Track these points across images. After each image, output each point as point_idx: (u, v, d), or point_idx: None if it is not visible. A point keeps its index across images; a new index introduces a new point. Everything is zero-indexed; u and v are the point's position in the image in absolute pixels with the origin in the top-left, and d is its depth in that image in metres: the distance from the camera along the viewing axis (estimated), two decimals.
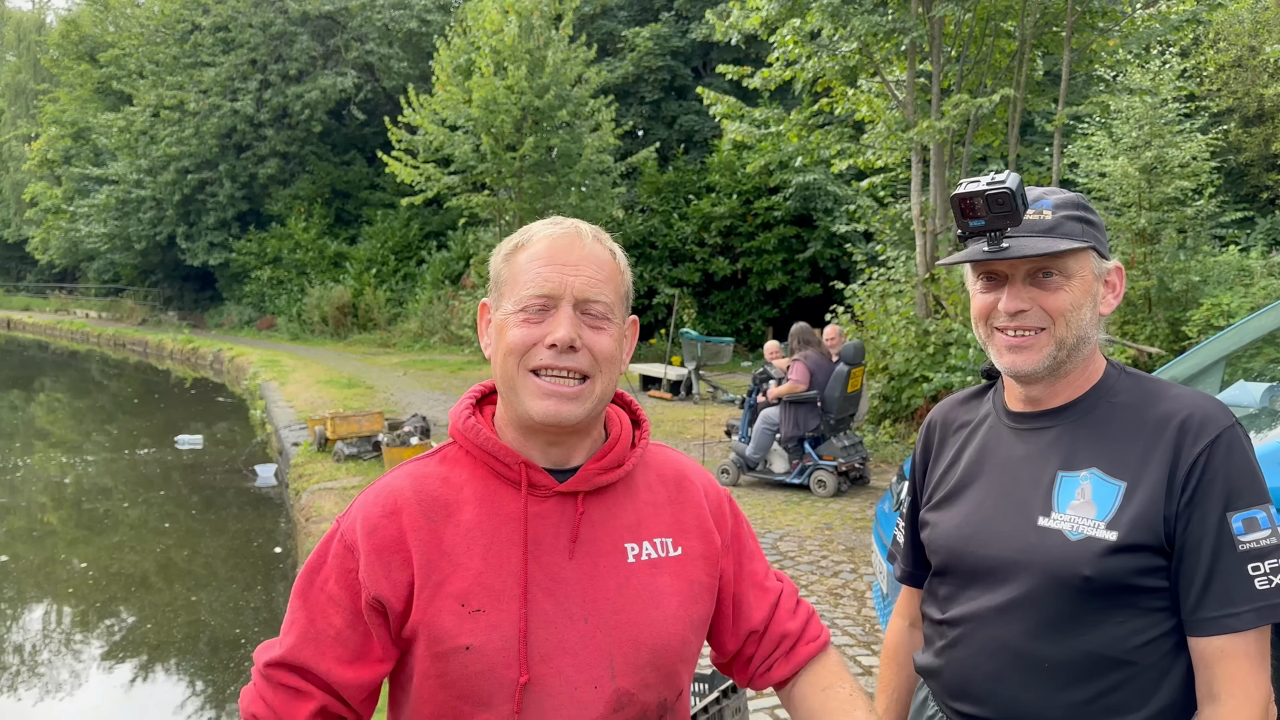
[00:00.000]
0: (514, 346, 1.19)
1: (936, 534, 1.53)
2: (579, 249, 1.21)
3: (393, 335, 25.20)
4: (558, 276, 1.19)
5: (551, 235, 1.22)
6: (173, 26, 29.75)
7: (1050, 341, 1.39)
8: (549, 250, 1.21)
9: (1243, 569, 1.30)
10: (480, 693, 1.15)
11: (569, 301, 1.19)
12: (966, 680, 1.45)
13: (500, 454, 1.22)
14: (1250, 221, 17.87)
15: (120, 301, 37.51)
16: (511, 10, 18.82)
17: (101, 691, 5.58)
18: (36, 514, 9.55)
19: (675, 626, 1.25)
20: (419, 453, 6.17)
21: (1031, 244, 1.37)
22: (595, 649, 1.19)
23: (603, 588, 1.22)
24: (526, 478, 1.22)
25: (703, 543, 1.32)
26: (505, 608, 1.17)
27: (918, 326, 10.12)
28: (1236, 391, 3.89)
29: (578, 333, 1.18)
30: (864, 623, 5.11)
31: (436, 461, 1.27)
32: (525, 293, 1.20)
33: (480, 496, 1.22)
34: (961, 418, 1.60)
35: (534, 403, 1.19)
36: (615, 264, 1.25)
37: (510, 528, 1.20)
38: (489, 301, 1.27)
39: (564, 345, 1.17)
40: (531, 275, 1.20)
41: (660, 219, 22.07)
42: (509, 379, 1.21)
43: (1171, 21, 10.09)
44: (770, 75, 10.81)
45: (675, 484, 1.34)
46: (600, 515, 1.25)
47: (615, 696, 1.19)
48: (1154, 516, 1.32)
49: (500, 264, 1.25)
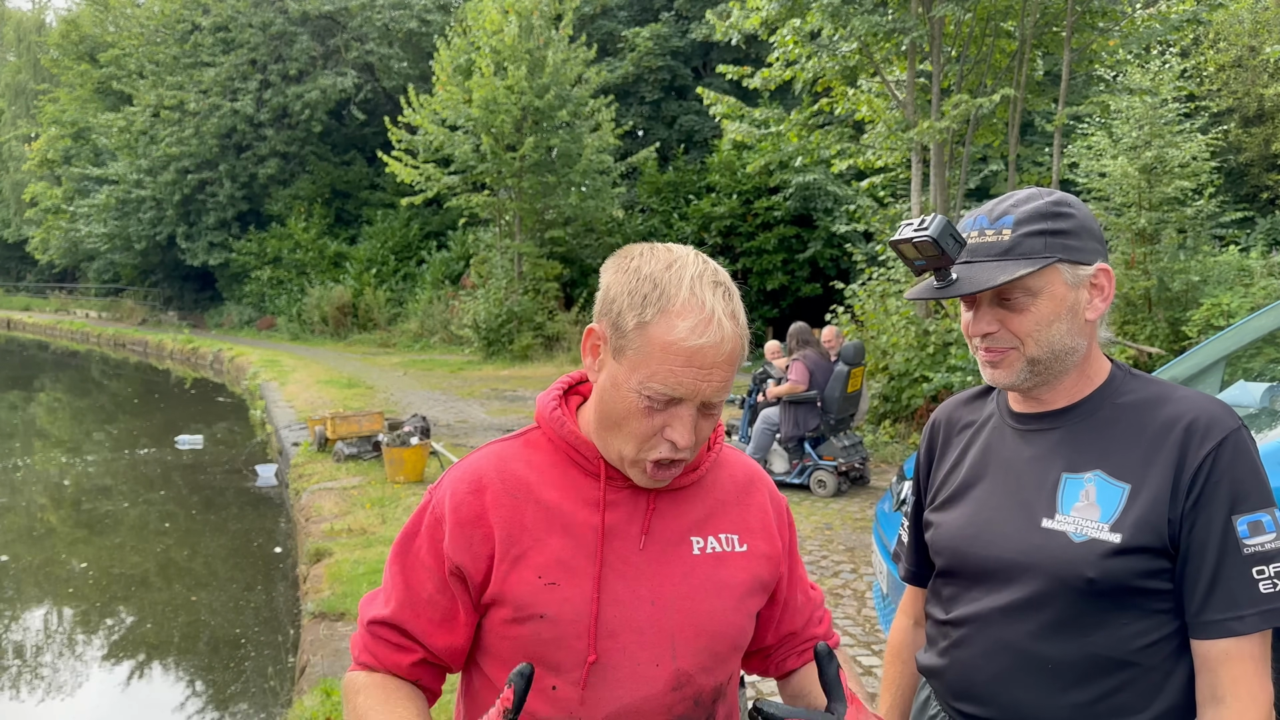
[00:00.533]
0: (636, 435, 1.23)
1: (940, 534, 1.53)
2: (719, 352, 1.19)
3: (393, 335, 25.21)
4: (691, 383, 1.18)
5: (696, 331, 1.17)
6: (173, 26, 29.75)
7: (1020, 359, 1.40)
8: (690, 350, 1.17)
9: (1247, 572, 1.30)
10: (552, 658, 1.24)
11: (694, 404, 1.21)
12: (970, 681, 1.45)
13: (580, 447, 1.30)
14: (1250, 221, 17.87)
15: (120, 301, 37.52)
16: (511, 10, 18.82)
17: (102, 691, 5.58)
18: (36, 514, 9.54)
19: (734, 617, 1.32)
20: (419, 453, 6.18)
21: (981, 274, 1.37)
22: (659, 630, 1.27)
23: (669, 575, 1.29)
24: (604, 470, 1.30)
25: (767, 544, 1.39)
26: (579, 584, 1.25)
27: (918, 326, 10.12)
28: (1236, 391, 3.89)
29: (696, 433, 1.23)
30: (864, 623, 5.11)
31: (521, 444, 1.35)
32: (655, 386, 1.19)
33: (561, 480, 1.30)
34: (965, 418, 1.60)
35: (641, 477, 1.27)
36: (741, 346, 1.23)
37: (587, 512, 1.28)
38: (602, 334, 1.25)
39: (683, 448, 1.22)
40: (665, 371, 1.18)
41: (660, 219, 22.08)
42: (623, 456, 1.25)
43: (1171, 21, 10.09)
44: (770, 75, 10.82)
45: (745, 486, 1.41)
46: (670, 509, 1.32)
47: (675, 675, 1.27)
48: (1158, 519, 1.32)
49: (632, 320, 1.20)
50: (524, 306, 19.91)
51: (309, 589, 6.03)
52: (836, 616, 5.21)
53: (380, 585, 1.35)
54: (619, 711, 1.24)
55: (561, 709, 1.24)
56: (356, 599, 5.49)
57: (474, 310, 20.48)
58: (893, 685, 1.72)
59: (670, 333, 1.17)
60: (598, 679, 1.24)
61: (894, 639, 1.74)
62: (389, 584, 1.33)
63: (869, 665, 4.53)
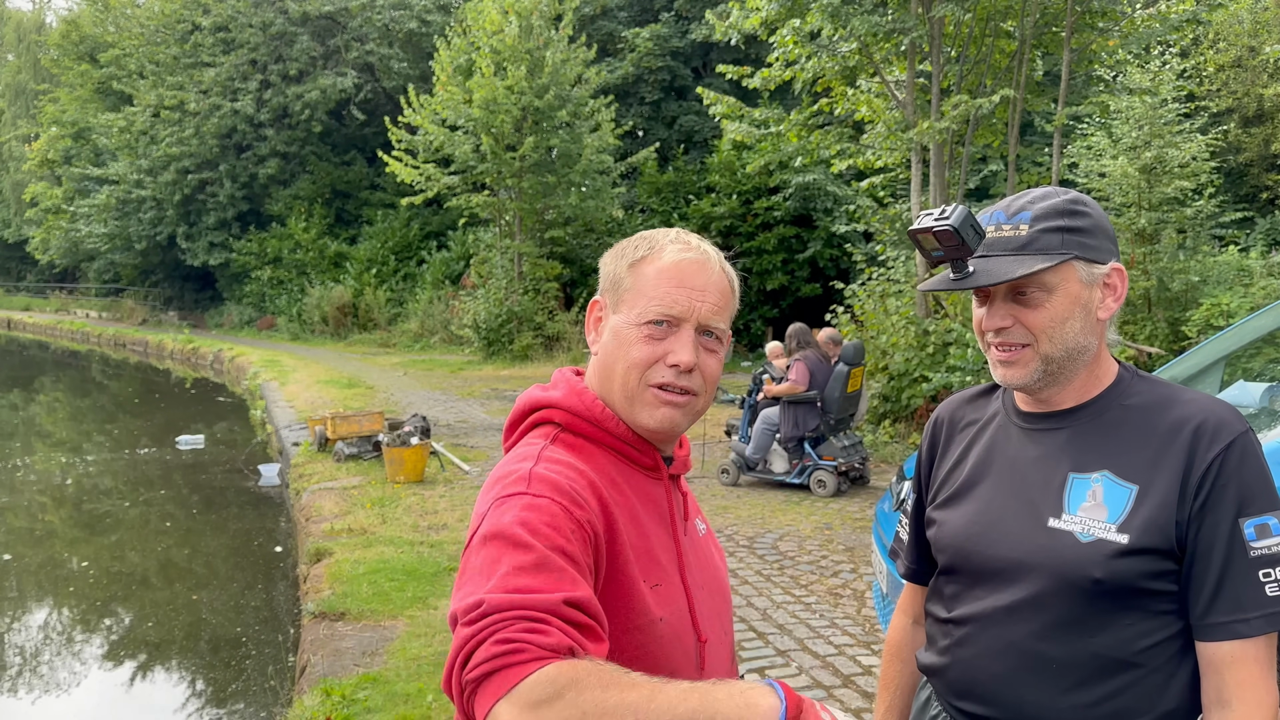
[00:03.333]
0: (638, 362, 1.25)
1: (944, 532, 1.53)
2: (707, 273, 1.27)
3: (393, 335, 25.20)
4: (686, 300, 1.24)
5: (682, 256, 1.27)
6: (173, 27, 29.75)
7: (1035, 357, 1.39)
8: (679, 270, 1.26)
9: (1254, 575, 1.30)
10: (669, 662, 1.21)
11: (692, 325, 1.25)
12: (972, 680, 1.45)
13: (635, 442, 1.30)
14: (1250, 221, 17.86)
15: (120, 301, 37.51)
16: (511, 10, 18.83)
17: (102, 690, 5.58)
18: (37, 514, 9.55)
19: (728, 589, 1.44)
20: (419, 453, 6.11)
21: (998, 267, 1.37)
22: (713, 611, 1.34)
23: (701, 559, 1.37)
24: (659, 463, 1.32)
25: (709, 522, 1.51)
26: (672, 580, 1.27)
27: (917, 326, 10.12)
28: (1236, 391, 3.90)
29: (697, 356, 1.25)
30: (864, 623, 5.12)
31: (564, 450, 1.25)
32: (652, 309, 1.25)
33: (623, 479, 1.28)
34: (969, 416, 1.60)
35: (651, 411, 1.26)
36: (733, 291, 1.31)
37: (653, 509, 1.30)
38: (604, 300, 1.32)
39: (686, 367, 1.24)
40: (660, 294, 1.25)
41: (660, 219, 22.07)
42: (629, 389, 1.26)
43: (1171, 21, 10.09)
44: (770, 75, 10.82)
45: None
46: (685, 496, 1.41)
47: (730, 649, 1.38)
48: (1166, 521, 1.32)
49: (623, 270, 1.29)
50: (524, 306, 19.91)
51: (309, 589, 6.03)
52: (836, 616, 5.22)
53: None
54: None
55: None
56: (357, 599, 5.50)
57: (474, 310, 20.48)
58: (891, 684, 1.71)
59: (659, 259, 1.27)
60: (707, 664, 1.28)
61: (893, 637, 1.74)
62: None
63: (868, 665, 4.53)
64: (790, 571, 6.04)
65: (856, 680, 4.37)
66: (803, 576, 5.94)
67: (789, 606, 5.37)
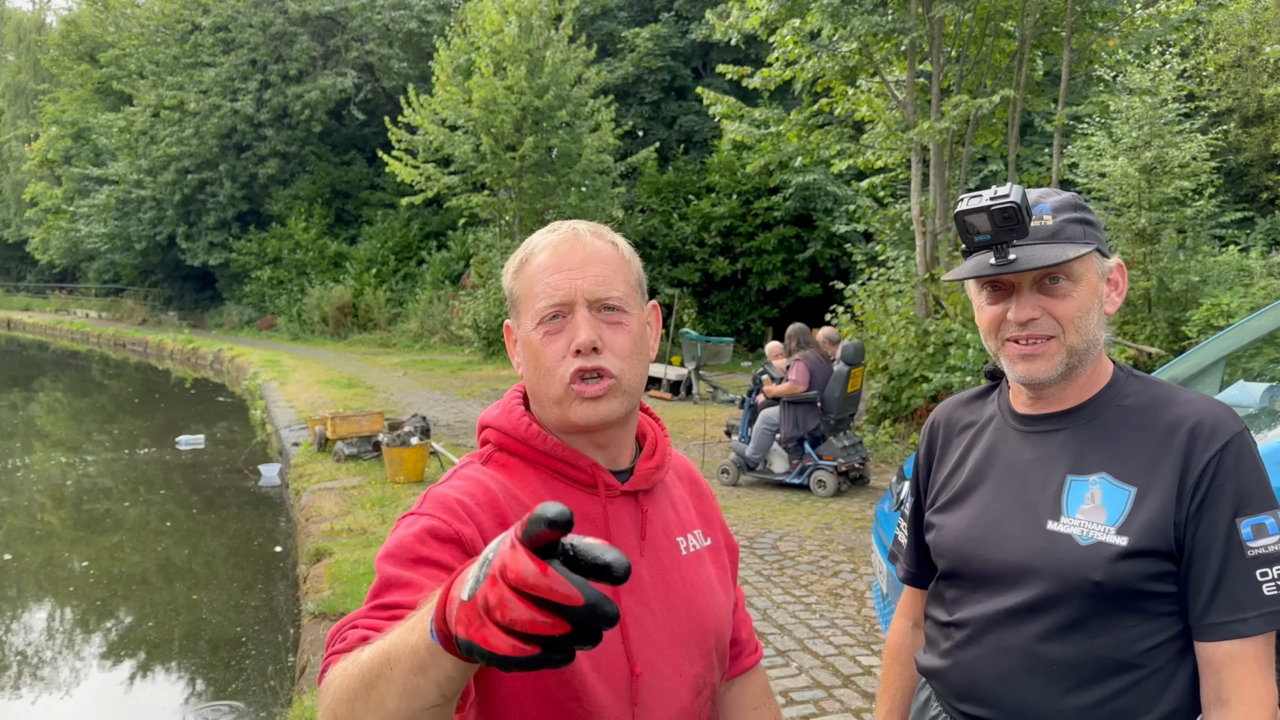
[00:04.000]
0: (548, 364, 1.20)
1: (943, 537, 1.52)
2: (580, 250, 1.22)
3: (393, 335, 25.21)
4: (566, 283, 1.20)
5: (551, 243, 1.23)
6: (173, 27, 29.74)
7: (1061, 349, 1.38)
8: (552, 258, 1.22)
9: (1251, 575, 1.30)
10: (592, 696, 1.14)
11: (582, 305, 1.20)
12: (974, 682, 1.45)
13: (570, 458, 1.23)
14: (1250, 221, 17.87)
15: (120, 301, 37.51)
16: (511, 10, 18.83)
17: (102, 690, 5.58)
18: (37, 514, 9.55)
19: (723, 611, 1.33)
20: (419, 453, 6.15)
21: (1039, 253, 1.35)
22: (673, 639, 1.24)
23: (668, 581, 1.27)
24: (601, 480, 1.23)
25: (723, 535, 1.41)
26: None
27: (917, 326, 10.12)
28: (1236, 391, 3.89)
29: (598, 334, 1.20)
30: (864, 623, 5.12)
31: (494, 468, 1.24)
32: (540, 305, 1.21)
33: (552, 497, 1.21)
34: (966, 418, 1.59)
35: (575, 409, 1.20)
36: (620, 255, 1.25)
37: (588, 530, 1.20)
38: (510, 323, 1.29)
39: (587, 348, 1.18)
40: (541, 286, 1.21)
41: (660, 219, 22.07)
42: (553, 394, 1.21)
43: (1171, 21, 10.09)
44: (770, 75, 10.82)
45: (690, 479, 1.42)
46: (654, 512, 1.29)
47: (694, 682, 1.25)
48: (1164, 523, 1.32)
49: (511, 282, 1.26)
50: None
51: (309, 589, 6.03)
52: (836, 616, 5.22)
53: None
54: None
55: None
56: (356, 599, 5.50)
57: (474, 310, 20.48)
58: (892, 688, 1.71)
59: (535, 257, 1.23)
60: (644, 696, 1.18)
61: (893, 640, 1.74)
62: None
63: (868, 665, 4.53)
64: (790, 571, 6.04)
65: (856, 680, 4.37)
66: (803, 576, 5.94)
67: (789, 606, 5.37)
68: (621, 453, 1.28)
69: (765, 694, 1.48)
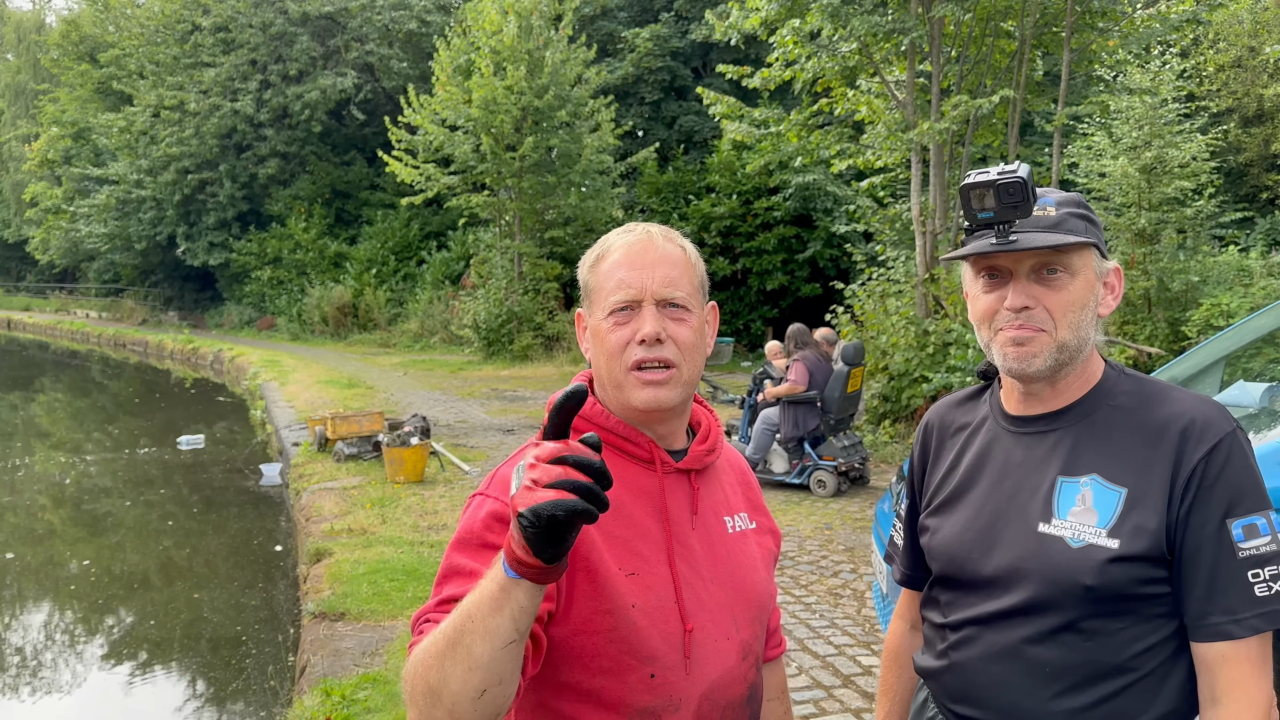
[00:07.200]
0: (613, 349, 1.33)
1: (936, 540, 1.52)
2: (652, 251, 1.34)
3: (393, 335, 25.21)
4: (637, 280, 1.32)
5: (627, 243, 1.36)
6: (173, 27, 29.75)
7: (1051, 343, 1.38)
8: (626, 257, 1.34)
9: (1243, 575, 1.30)
10: (646, 646, 1.27)
11: (650, 301, 1.32)
12: (968, 684, 1.45)
13: (631, 435, 1.36)
14: (1250, 221, 17.87)
15: (120, 302, 37.53)
16: (511, 10, 18.83)
17: (102, 690, 5.58)
18: (37, 513, 9.55)
19: (767, 587, 1.46)
20: (419, 453, 6.19)
21: (1039, 237, 1.36)
22: (721, 606, 1.36)
23: (717, 554, 1.39)
24: (658, 456, 1.36)
25: (768, 521, 1.53)
26: (655, 571, 1.31)
27: (917, 326, 10.12)
28: (1236, 391, 3.89)
29: (662, 326, 1.31)
30: (864, 623, 5.12)
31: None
32: (611, 299, 1.33)
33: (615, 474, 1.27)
34: (959, 420, 1.59)
35: (637, 393, 1.32)
36: (687, 258, 1.38)
37: (645, 501, 1.34)
38: (582, 311, 1.42)
39: (651, 339, 1.30)
40: (614, 282, 1.34)
41: (660, 219, 22.06)
42: (614, 378, 1.34)
43: (1171, 21, 10.09)
44: (770, 75, 10.82)
45: (739, 470, 1.55)
46: (705, 492, 1.42)
47: (741, 646, 1.37)
48: (1155, 525, 1.32)
49: (587, 275, 1.39)
50: (524, 306, 19.91)
51: (309, 589, 6.03)
52: (836, 616, 5.22)
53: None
54: (712, 686, 1.31)
55: (662, 694, 1.28)
56: (356, 599, 5.50)
57: (474, 310, 20.49)
58: (890, 690, 1.71)
59: (611, 254, 1.36)
60: (695, 651, 1.30)
61: (890, 643, 1.74)
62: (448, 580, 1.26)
63: (868, 665, 4.53)
64: (790, 571, 6.04)
65: (856, 680, 4.37)
66: (803, 576, 5.94)
67: (789, 606, 5.37)
68: (675, 436, 1.40)
69: (782, 688, 1.60)
